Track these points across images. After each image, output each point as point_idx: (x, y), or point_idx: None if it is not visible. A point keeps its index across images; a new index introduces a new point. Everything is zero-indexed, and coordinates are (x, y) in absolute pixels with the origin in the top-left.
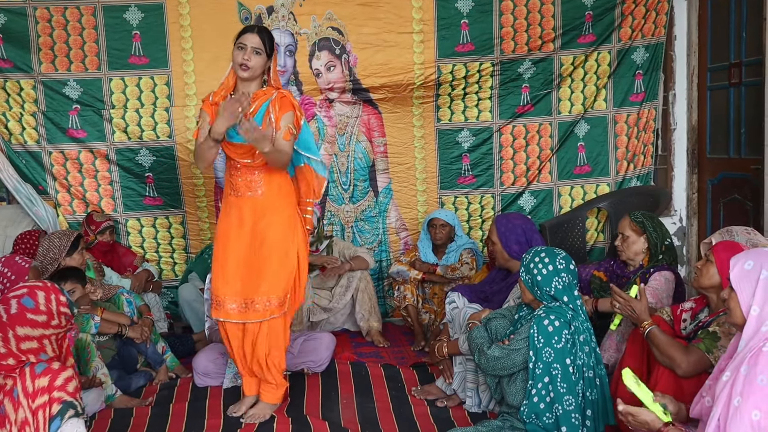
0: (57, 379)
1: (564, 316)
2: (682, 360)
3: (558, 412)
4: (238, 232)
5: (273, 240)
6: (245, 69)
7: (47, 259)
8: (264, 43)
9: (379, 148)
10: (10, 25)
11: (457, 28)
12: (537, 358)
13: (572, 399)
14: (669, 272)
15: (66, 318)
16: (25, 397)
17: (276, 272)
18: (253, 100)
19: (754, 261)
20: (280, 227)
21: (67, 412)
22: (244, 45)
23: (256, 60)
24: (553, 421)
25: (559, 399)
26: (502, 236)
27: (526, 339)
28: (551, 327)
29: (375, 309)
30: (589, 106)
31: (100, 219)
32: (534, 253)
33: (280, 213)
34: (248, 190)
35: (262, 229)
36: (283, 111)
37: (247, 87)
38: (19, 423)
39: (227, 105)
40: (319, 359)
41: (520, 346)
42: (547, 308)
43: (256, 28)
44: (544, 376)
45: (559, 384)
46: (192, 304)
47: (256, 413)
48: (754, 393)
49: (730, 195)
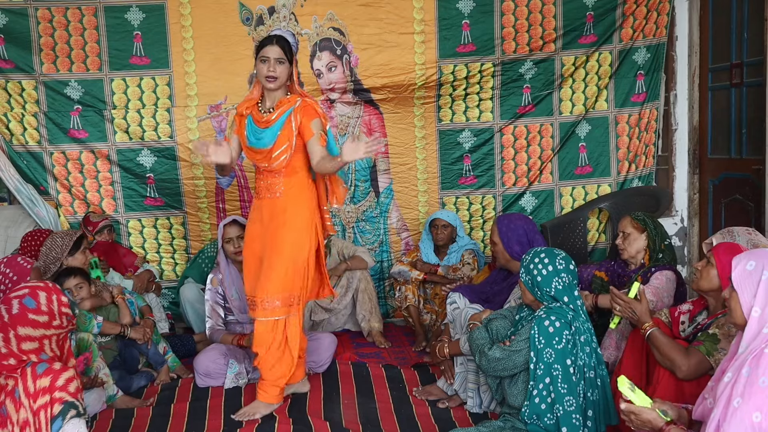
0: (58, 380)
1: (565, 317)
2: (682, 362)
3: (559, 412)
4: (258, 233)
5: (283, 240)
6: (272, 80)
7: (50, 259)
8: (285, 51)
9: (380, 149)
10: (12, 25)
11: (459, 29)
12: (538, 359)
13: (573, 399)
14: (670, 271)
15: (67, 318)
16: (27, 397)
17: (281, 273)
18: (277, 107)
19: (756, 262)
20: (294, 228)
21: (68, 413)
22: (266, 58)
23: (280, 70)
24: (554, 422)
25: (559, 399)
26: (503, 236)
27: (527, 340)
28: (552, 328)
29: (376, 309)
30: (590, 107)
31: (96, 219)
32: (533, 253)
33: (296, 215)
34: (268, 192)
35: (273, 229)
36: (309, 118)
37: (273, 95)
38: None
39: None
40: (320, 359)
41: (521, 347)
42: (547, 309)
43: (274, 39)
44: (545, 376)
45: (560, 384)
46: (194, 304)
47: (247, 410)
48: (755, 394)
49: (731, 195)
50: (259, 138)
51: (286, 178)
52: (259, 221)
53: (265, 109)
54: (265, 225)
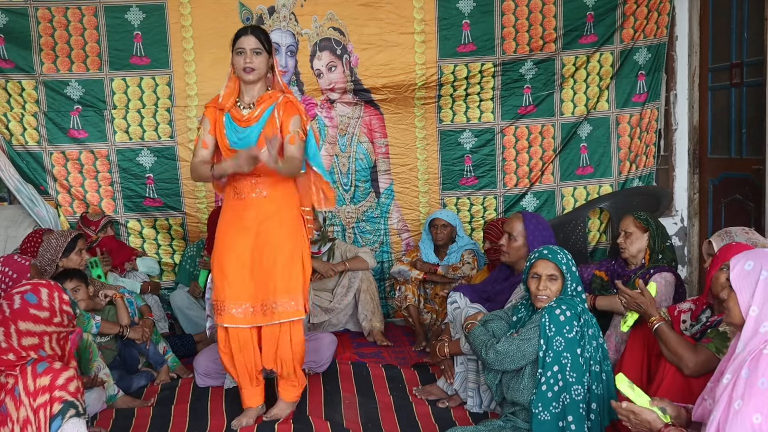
0: (58, 379)
1: (575, 308)
2: (689, 359)
3: (566, 401)
4: (241, 235)
5: (278, 241)
6: (250, 71)
7: (45, 260)
8: (261, 41)
9: (380, 149)
10: (12, 25)
11: (459, 29)
12: (547, 347)
13: (581, 389)
14: (669, 274)
15: (68, 318)
16: (27, 395)
17: (289, 273)
18: (258, 104)
19: (754, 261)
20: (286, 228)
21: (68, 412)
22: (242, 49)
23: (258, 61)
24: (560, 410)
25: (567, 388)
26: (530, 234)
27: (537, 328)
28: (563, 317)
29: (377, 309)
30: (592, 107)
31: (95, 218)
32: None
33: (286, 214)
34: (252, 191)
35: (266, 230)
36: (289, 115)
37: (252, 90)
38: (21, 422)
39: (244, 159)
40: (320, 359)
41: (530, 335)
42: (558, 299)
43: (249, 29)
44: (554, 364)
45: (568, 373)
46: (184, 310)
47: (277, 412)
48: (755, 396)
49: (731, 195)
50: (241, 138)
51: (272, 177)
52: (241, 223)
53: (244, 104)
54: (254, 229)
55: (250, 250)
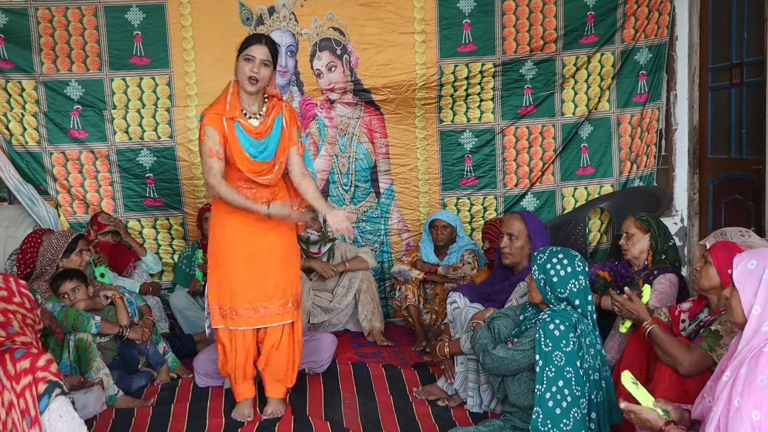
0: (39, 361)
1: (569, 320)
2: (684, 358)
3: (576, 416)
4: (246, 240)
5: (283, 245)
6: (254, 83)
7: (45, 261)
8: (272, 55)
9: (380, 150)
10: (12, 25)
11: (459, 28)
12: (546, 363)
13: (585, 402)
14: (673, 275)
15: (30, 302)
16: (8, 379)
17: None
18: (267, 114)
19: (757, 261)
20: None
21: (53, 391)
22: (252, 57)
23: (264, 73)
24: (571, 427)
25: (576, 403)
26: (533, 232)
27: (532, 342)
28: (557, 331)
29: (378, 309)
30: (593, 108)
31: (104, 221)
32: (550, 253)
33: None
34: (258, 201)
35: (273, 236)
36: (292, 126)
37: (253, 98)
38: (6, 406)
39: (299, 215)
40: (320, 359)
41: (525, 347)
42: (552, 312)
43: (263, 38)
44: (558, 379)
45: (574, 387)
46: (183, 312)
47: (274, 410)
48: (755, 393)
49: (731, 195)
50: (260, 150)
51: (275, 187)
52: (245, 228)
53: (250, 113)
54: (260, 234)
55: (255, 254)
